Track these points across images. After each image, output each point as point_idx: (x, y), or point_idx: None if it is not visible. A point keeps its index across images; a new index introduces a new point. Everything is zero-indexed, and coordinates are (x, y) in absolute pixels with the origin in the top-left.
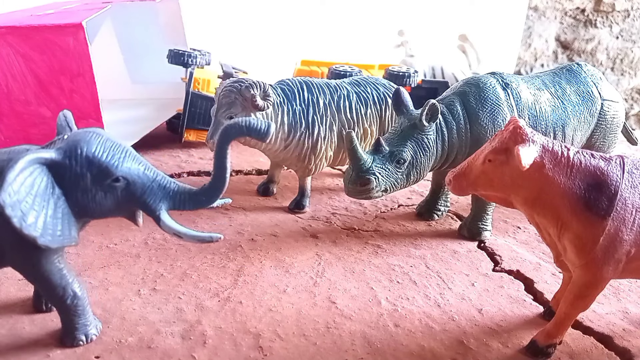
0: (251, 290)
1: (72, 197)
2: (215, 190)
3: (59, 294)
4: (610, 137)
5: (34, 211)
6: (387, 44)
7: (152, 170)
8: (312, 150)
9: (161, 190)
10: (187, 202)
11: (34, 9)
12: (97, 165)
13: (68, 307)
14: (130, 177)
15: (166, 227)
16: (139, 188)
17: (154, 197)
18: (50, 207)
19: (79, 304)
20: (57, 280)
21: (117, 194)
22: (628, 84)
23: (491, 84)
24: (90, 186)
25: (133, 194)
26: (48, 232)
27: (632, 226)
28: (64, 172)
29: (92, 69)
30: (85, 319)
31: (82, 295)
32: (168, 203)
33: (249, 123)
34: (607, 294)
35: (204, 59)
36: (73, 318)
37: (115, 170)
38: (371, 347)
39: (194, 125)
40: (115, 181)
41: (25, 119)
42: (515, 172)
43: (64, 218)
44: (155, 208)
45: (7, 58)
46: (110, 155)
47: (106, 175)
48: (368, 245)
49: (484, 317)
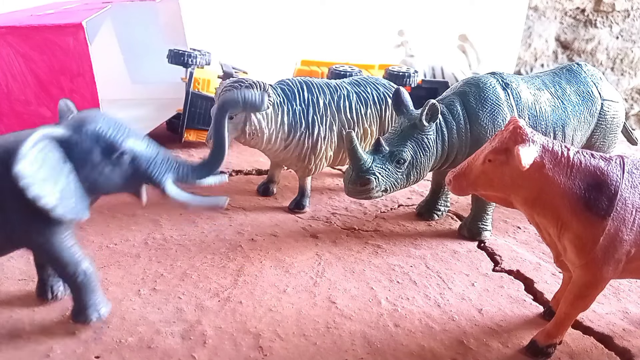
0: (251, 290)
1: (82, 172)
2: (215, 161)
3: (72, 269)
4: (610, 137)
5: (49, 182)
6: (387, 44)
7: (154, 146)
8: (312, 150)
9: (164, 163)
10: (189, 174)
11: (34, 9)
12: (104, 140)
13: (80, 284)
14: (136, 152)
15: (172, 196)
16: (144, 162)
17: (158, 169)
18: (62, 179)
19: (90, 280)
20: (69, 256)
21: (123, 168)
22: (628, 84)
23: (491, 84)
24: (98, 161)
25: (139, 167)
26: (62, 203)
27: (632, 226)
28: (73, 148)
29: (92, 69)
30: (95, 297)
31: (93, 273)
32: (172, 175)
33: (244, 95)
34: (607, 294)
35: (204, 59)
36: (85, 295)
37: (120, 145)
38: (371, 347)
39: (194, 125)
40: (121, 155)
41: (25, 119)
42: (515, 172)
43: (75, 192)
44: (160, 180)
45: (7, 58)
46: (115, 131)
47: (113, 149)
48: (368, 245)
49: (484, 317)
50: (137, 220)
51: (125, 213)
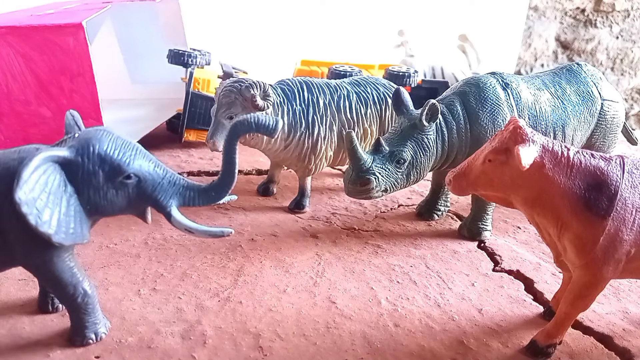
0: (251, 290)
1: (84, 195)
2: (225, 186)
3: (70, 292)
4: (610, 137)
5: (48, 209)
6: (387, 44)
7: (162, 168)
8: (312, 150)
9: (171, 187)
10: (196, 198)
11: (34, 9)
12: (109, 162)
13: (78, 306)
14: (142, 174)
15: (177, 223)
16: (150, 185)
17: (164, 193)
18: (63, 205)
19: (89, 302)
20: (68, 278)
21: (128, 191)
22: (628, 84)
23: (491, 84)
24: (102, 184)
25: (144, 191)
26: (62, 229)
27: (632, 226)
28: (77, 170)
29: (92, 69)
30: (95, 317)
31: (92, 294)
32: (178, 199)
33: (257, 119)
34: (607, 294)
35: (204, 59)
36: (83, 316)
37: (126, 167)
38: (371, 347)
39: (194, 125)
40: (126, 178)
41: (25, 119)
42: (515, 172)
43: (76, 216)
44: (166, 205)
45: (7, 58)
46: (121, 152)
47: (118, 172)
48: (368, 245)
49: (484, 317)
50: (137, 220)
51: None
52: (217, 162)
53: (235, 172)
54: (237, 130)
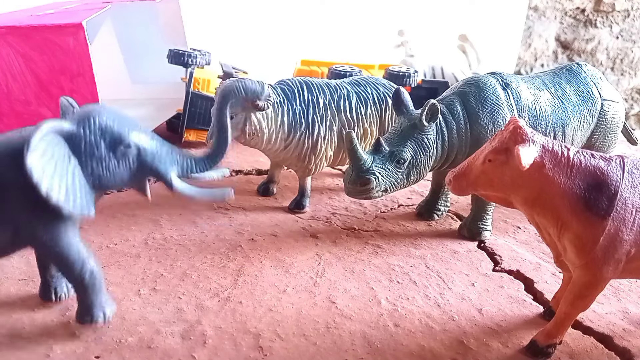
0: (251, 290)
1: (88, 167)
2: (219, 151)
3: (78, 268)
4: (610, 137)
5: (57, 177)
6: (387, 44)
7: (158, 139)
8: (312, 150)
9: (169, 156)
10: (194, 166)
11: (34, 9)
12: (110, 132)
13: (86, 283)
14: (141, 145)
15: (178, 190)
16: (149, 154)
17: (163, 162)
18: (69, 175)
19: (96, 280)
20: (75, 254)
21: (129, 162)
22: (628, 84)
23: (491, 84)
24: (104, 154)
25: (144, 161)
26: (70, 198)
27: (632, 226)
28: (79, 142)
29: (92, 69)
30: (101, 297)
31: (99, 272)
32: (177, 168)
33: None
34: (607, 294)
35: (204, 59)
36: (91, 295)
37: (126, 136)
38: (371, 347)
39: (194, 125)
40: (127, 147)
41: (25, 119)
42: (515, 172)
43: (82, 187)
44: (166, 173)
45: (7, 58)
46: (120, 123)
47: (119, 141)
48: (368, 245)
49: (484, 317)
50: (137, 220)
51: (125, 213)
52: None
53: (227, 137)
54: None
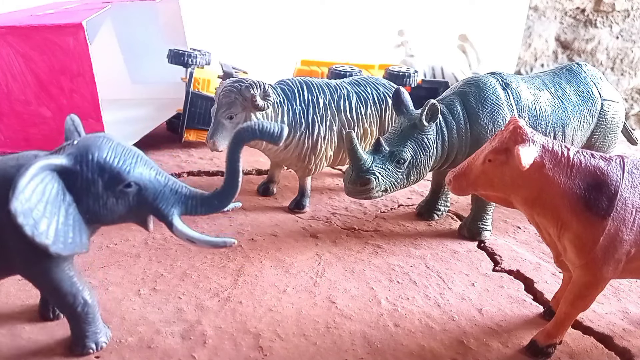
0: (251, 290)
1: (83, 203)
2: (228, 194)
3: (70, 301)
4: (610, 137)
5: (46, 219)
6: (387, 44)
7: (164, 175)
8: (312, 150)
9: (173, 195)
10: (199, 207)
11: (34, 9)
12: (109, 170)
13: (79, 315)
14: (142, 183)
15: (179, 232)
16: (151, 193)
17: (166, 202)
18: (61, 214)
19: (89, 311)
20: (68, 287)
21: (129, 200)
22: (628, 84)
23: (491, 84)
24: (101, 192)
25: (145, 199)
26: (60, 239)
27: (632, 226)
28: (75, 179)
29: (92, 69)
30: (95, 327)
31: (93, 303)
32: (180, 208)
33: (262, 126)
34: (607, 294)
35: (204, 59)
36: (83, 326)
37: (127, 175)
38: (371, 347)
39: (194, 125)
40: (127, 187)
41: (25, 119)
42: (515, 172)
43: (75, 225)
44: (167, 213)
45: (7, 58)
46: (121, 160)
47: (118, 181)
48: (368, 245)
49: (484, 317)
50: None
51: None
52: (217, 162)
53: (238, 180)
54: (241, 137)
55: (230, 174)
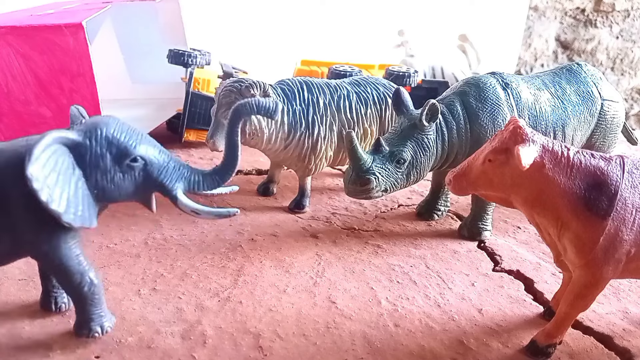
0: (251, 290)
1: (92, 178)
2: (228, 168)
3: (77, 280)
4: (610, 137)
5: (58, 188)
6: (387, 44)
7: (167, 154)
8: (312, 150)
9: (176, 171)
10: (201, 183)
11: (34, 9)
12: (116, 145)
13: (85, 295)
14: (148, 158)
15: (183, 205)
16: (156, 169)
17: (170, 177)
18: (72, 186)
19: (95, 291)
20: (75, 266)
21: (135, 175)
22: (628, 84)
23: (491, 84)
24: (109, 166)
25: (150, 174)
26: (71, 210)
27: (632, 226)
28: (84, 153)
29: (92, 69)
30: (100, 309)
31: (99, 284)
32: (183, 184)
33: (257, 102)
34: (607, 294)
35: (204, 59)
36: (89, 307)
37: (133, 150)
38: (371, 347)
39: (194, 125)
40: (133, 161)
41: (25, 119)
42: (515, 172)
43: (84, 199)
44: (172, 188)
45: (7, 58)
46: (128, 136)
47: (125, 155)
48: (368, 245)
49: (484, 317)
50: (137, 220)
51: (125, 213)
52: (217, 162)
53: (238, 155)
54: (239, 112)
55: (230, 148)
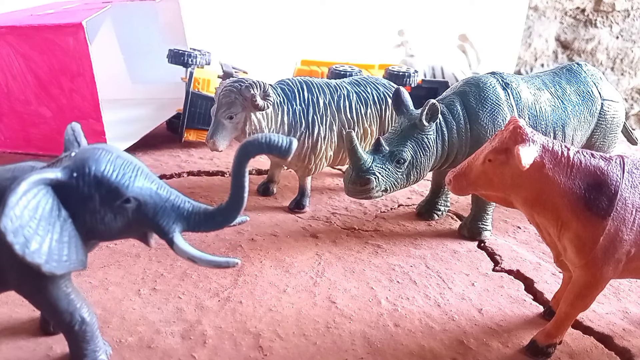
0: (251, 290)
1: (80, 219)
2: (233, 210)
3: (67, 320)
4: (610, 137)
5: (38, 236)
6: (387, 44)
7: (166, 190)
8: (312, 150)
9: (175, 210)
10: (202, 223)
11: (34, 9)
12: (107, 185)
13: (76, 333)
14: (142, 198)
15: (180, 251)
16: (151, 209)
17: (167, 218)
18: (55, 231)
19: (87, 329)
20: (64, 305)
21: (127, 216)
22: (628, 84)
23: (491, 84)
24: (98, 208)
25: (145, 215)
26: (53, 257)
27: (632, 226)
28: (71, 193)
29: (92, 69)
30: (94, 345)
31: (91, 321)
32: (182, 224)
33: (269, 139)
34: (607, 294)
35: (204, 59)
36: (81, 344)
37: (125, 190)
38: (371, 347)
39: (194, 125)
40: (125, 202)
41: (25, 119)
42: (516, 172)
43: (71, 242)
44: (168, 230)
45: (7, 58)
46: (120, 174)
47: (116, 196)
48: (368, 245)
49: (484, 317)
50: None
51: None
52: (217, 162)
53: (244, 196)
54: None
55: (236, 189)
